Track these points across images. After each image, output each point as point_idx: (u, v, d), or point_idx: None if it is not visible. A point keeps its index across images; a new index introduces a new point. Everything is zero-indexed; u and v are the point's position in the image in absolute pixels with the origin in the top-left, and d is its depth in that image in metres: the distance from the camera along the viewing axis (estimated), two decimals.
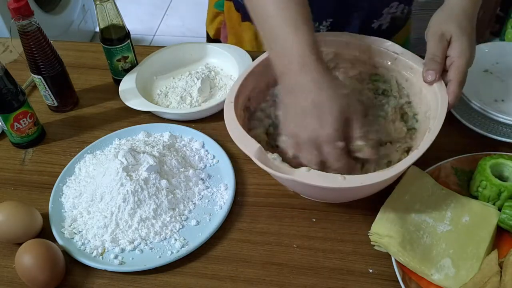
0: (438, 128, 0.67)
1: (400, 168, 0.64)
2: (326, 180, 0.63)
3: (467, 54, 0.72)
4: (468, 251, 0.67)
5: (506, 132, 0.83)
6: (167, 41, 2.49)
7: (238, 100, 0.75)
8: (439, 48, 0.73)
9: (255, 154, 0.66)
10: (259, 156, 0.66)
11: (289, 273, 0.70)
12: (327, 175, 0.64)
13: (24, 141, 0.90)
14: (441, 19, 0.76)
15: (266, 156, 0.66)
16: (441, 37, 0.73)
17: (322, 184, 0.63)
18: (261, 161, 0.65)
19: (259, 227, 0.76)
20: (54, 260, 0.69)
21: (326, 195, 0.75)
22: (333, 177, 0.63)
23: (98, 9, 0.91)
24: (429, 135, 0.67)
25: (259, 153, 0.66)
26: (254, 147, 0.67)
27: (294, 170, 0.65)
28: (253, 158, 0.66)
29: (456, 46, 0.72)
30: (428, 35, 0.76)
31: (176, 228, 0.75)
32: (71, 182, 0.83)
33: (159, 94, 0.99)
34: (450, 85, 0.72)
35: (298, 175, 0.64)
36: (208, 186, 0.81)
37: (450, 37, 0.73)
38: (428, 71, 0.74)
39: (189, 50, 1.05)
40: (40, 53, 0.89)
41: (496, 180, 0.71)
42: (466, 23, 0.74)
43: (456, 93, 0.71)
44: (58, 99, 0.96)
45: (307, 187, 0.66)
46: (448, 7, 0.77)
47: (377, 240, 0.69)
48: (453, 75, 0.72)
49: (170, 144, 0.86)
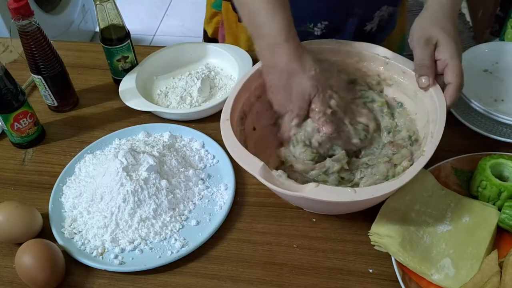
0: (440, 132, 0.68)
1: (409, 177, 0.64)
2: (337, 194, 0.63)
3: (458, 56, 0.72)
4: (468, 251, 0.67)
5: (506, 132, 0.83)
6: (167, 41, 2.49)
7: (234, 115, 0.75)
8: (427, 53, 0.73)
9: (259, 173, 0.65)
10: (264, 174, 0.65)
11: (289, 273, 0.70)
12: (337, 189, 0.64)
13: (24, 141, 0.90)
14: (423, 24, 0.76)
15: (271, 173, 0.66)
16: (427, 42, 0.73)
17: (333, 199, 0.62)
18: (267, 180, 0.64)
19: (259, 227, 0.76)
20: (54, 260, 0.69)
21: (334, 208, 0.74)
22: (343, 191, 0.63)
23: (98, 9, 0.92)
24: (433, 140, 0.67)
25: (263, 171, 0.65)
26: (257, 165, 0.66)
27: (302, 186, 0.64)
28: (257, 177, 0.65)
29: (445, 50, 0.72)
30: (413, 41, 0.75)
31: (176, 228, 0.75)
32: (71, 182, 0.83)
33: (159, 94, 0.99)
34: (449, 88, 0.72)
35: (308, 192, 0.63)
36: (208, 186, 0.81)
37: (436, 41, 0.73)
38: (420, 77, 0.74)
39: (189, 50, 1.05)
40: (40, 53, 0.89)
41: (496, 180, 0.71)
42: (450, 27, 0.74)
43: (454, 96, 0.71)
44: (58, 99, 0.96)
45: (316, 202, 0.65)
46: (429, 13, 0.77)
47: (377, 240, 0.69)
48: (452, 78, 0.71)
49: (170, 144, 0.86)
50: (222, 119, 0.73)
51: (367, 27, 0.97)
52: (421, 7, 0.79)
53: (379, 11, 0.96)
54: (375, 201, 0.70)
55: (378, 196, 0.63)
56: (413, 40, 0.76)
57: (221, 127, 0.72)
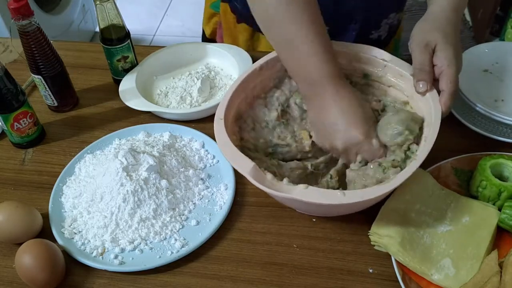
0: (434, 137, 0.67)
1: (399, 181, 0.64)
2: (326, 197, 0.63)
3: (455, 63, 0.71)
4: (468, 251, 0.67)
5: (506, 132, 0.83)
6: (167, 41, 2.49)
7: (228, 114, 0.74)
8: (426, 58, 0.72)
9: (249, 173, 0.65)
10: (254, 174, 0.65)
11: (289, 273, 0.70)
12: (326, 191, 0.64)
13: (24, 141, 0.90)
14: (424, 28, 0.75)
15: (262, 174, 0.65)
16: (426, 47, 0.73)
17: (322, 201, 0.62)
18: (257, 180, 0.64)
19: (259, 227, 0.76)
20: (54, 260, 0.69)
21: (324, 211, 0.74)
22: (332, 194, 0.63)
23: (98, 9, 0.92)
24: (426, 144, 0.67)
25: (253, 171, 0.65)
26: (248, 165, 0.66)
27: (292, 187, 0.64)
28: (247, 176, 0.65)
29: (443, 55, 0.71)
30: (413, 45, 0.74)
31: (176, 228, 0.75)
32: (71, 182, 0.83)
33: (159, 94, 0.99)
34: (442, 96, 0.71)
35: (297, 193, 0.63)
36: (208, 186, 0.81)
37: (435, 46, 0.72)
38: (419, 82, 0.73)
39: (189, 50, 1.05)
40: (40, 53, 0.89)
41: (496, 180, 0.71)
42: (451, 32, 0.73)
43: (448, 104, 0.71)
44: (58, 99, 0.96)
45: (306, 204, 0.65)
46: (431, 17, 0.76)
47: (377, 240, 0.69)
48: (445, 86, 0.71)
49: (170, 144, 0.86)
50: (216, 118, 0.73)
51: (374, 35, 0.97)
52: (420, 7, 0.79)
53: (387, 19, 0.96)
54: (365, 204, 0.70)
55: (368, 199, 0.63)
56: (413, 43, 0.75)
57: (214, 126, 0.72)
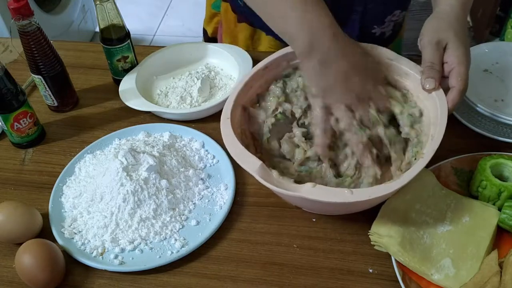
0: (441, 136, 0.67)
1: (408, 179, 0.64)
2: (334, 195, 0.63)
3: (466, 61, 0.72)
4: (468, 251, 0.67)
5: (506, 132, 0.83)
6: (167, 41, 2.49)
7: (235, 114, 0.74)
8: (436, 56, 0.73)
9: (257, 172, 0.65)
10: (262, 173, 0.65)
11: (289, 273, 0.70)
12: (333, 189, 0.64)
13: (24, 141, 0.90)
14: (436, 26, 0.75)
15: (269, 172, 0.66)
16: (438, 45, 0.73)
17: (330, 200, 0.62)
18: (264, 179, 0.64)
19: (259, 227, 0.76)
20: (54, 260, 0.69)
21: (331, 209, 0.74)
22: (339, 192, 0.63)
23: (98, 9, 0.91)
24: (432, 143, 0.67)
25: (261, 170, 0.65)
26: (256, 164, 0.66)
27: (299, 186, 0.64)
28: (255, 175, 0.65)
29: (454, 53, 0.72)
30: (424, 42, 0.75)
31: (176, 228, 0.75)
32: (71, 182, 0.83)
33: (159, 94, 0.99)
34: (451, 92, 0.72)
35: (304, 192, 0.63)
36: (208, 186, 0.81)
37: (446, 44, 0.73)
38: (427, 79, 0.73)
39: (189, 50, 1.05)
40: (40, 53, 0.89)
41: (496, 180, 0.71)
42: (461, 31, 0.74)
43: (456, 100, 0.71)
44: (58, 99, 0.96)
45: (313, 202, 0.65)
46: (442, 15, 0.77)
47: (377, 240, 0.69)
48: (455, 83, 0.71)
49: (170, 144, 0.86)
50: (222, 117, 0.73)
51: (376, 30, 0.97)
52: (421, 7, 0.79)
53: (391, 15, 0.95)
54: (373, 203, 0.70)
55: (375, 197, 0.63)
56: (423, 40, 0.75)
57: (221, 126, 0.72)
